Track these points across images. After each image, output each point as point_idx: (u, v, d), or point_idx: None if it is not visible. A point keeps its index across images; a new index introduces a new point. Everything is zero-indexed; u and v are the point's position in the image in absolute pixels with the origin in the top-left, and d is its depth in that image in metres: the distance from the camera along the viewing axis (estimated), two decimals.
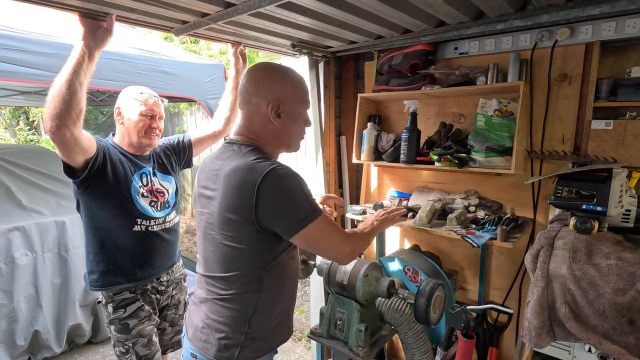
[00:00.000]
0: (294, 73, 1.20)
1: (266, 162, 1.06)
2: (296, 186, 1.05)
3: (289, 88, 1.17)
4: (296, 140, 1.24)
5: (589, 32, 1.58)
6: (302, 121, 1.21)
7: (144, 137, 1.67)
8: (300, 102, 1.19)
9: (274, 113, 1.14)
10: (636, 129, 1.51)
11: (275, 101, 1.13)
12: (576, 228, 1.35)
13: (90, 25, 1.29)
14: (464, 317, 1.40)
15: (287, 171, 1.06)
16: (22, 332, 2.63)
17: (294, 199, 1.05)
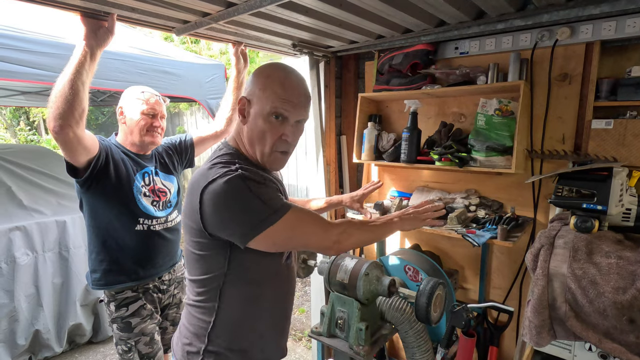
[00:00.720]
0: (279, 69, 1.04)
1: (222, 167, 0.97)
2: (243, 191, 0.93)
3: (259, 83, 1.02)
4: (262, 148, 1.04)
5: (589, 31, 1.58)
6: (270, 126, 1.01)
7: (146, 135, 1.68)
8: (268, 100, 1.00)
9: (241, 111, 1.05)
10: (636, 129, 1.51)
11: (243, 97, 1.04)
12: (577, 227, 1.36)
13: (91, 25, 1.29)
14: (464, 315, 1.40)
15: (237, 175, 0.94)
16: (23, 332, 2.64)
17: (241, 204, 0.93)
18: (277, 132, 1.02)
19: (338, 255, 1.60)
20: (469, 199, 1.97)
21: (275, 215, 0.94)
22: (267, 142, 1.02)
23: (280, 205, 0.96)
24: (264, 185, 0.97)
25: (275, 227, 0.94)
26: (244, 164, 1.00)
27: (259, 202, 0.94)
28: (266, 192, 0.96)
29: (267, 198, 0.95)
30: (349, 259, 1.55)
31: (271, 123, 1.01)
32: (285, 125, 1.02)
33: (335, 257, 1.59)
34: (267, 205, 0.94)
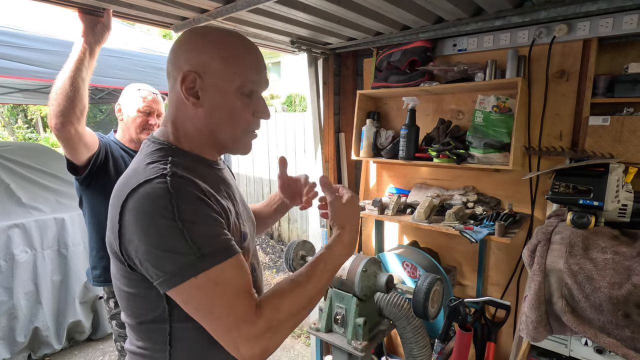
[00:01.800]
0: (231, 32, 0.81)
1: (153, 168, 0.72)
2: (164, 214, 0.65)
3: (213, 50, 0.77)
4: (233, 133, 0.81)
5: (587, 28, 1.59)
6: (241, 104, 0.79)
7: (142, 132, 1.68)
8: (236, 73, 0.77)
9: (187, 90, 0.77)
10: (633, 125, 1.52)
11: (189, 72, 0.75)
12: (573, 223, 1.36)
13: (89, 21, 1.30)
14: (461, 310, 1.41)
15: (166, 186, 0.67)
16: (22, 329, 2.64)
17: (160, 235, 0.66)
18: (250, 110, 0.81)
19: None
20: (466, 195, 1.98)
21: (198, 263, 0.65)
22: (241, 123, 0.80)
23: (213, 249, 0.67)
24: (199, 205, 0.69)
25: (192, 283, 0.65)
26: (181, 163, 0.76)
27: (180, 235, 0.65)
28: (199, 219, 0.68)
29: (195, 232, 0.66)
30: None
31: (242, 101, 0.79)
32: (254, 100, 0.81)
33: None
34: (190, 244, 0.65)
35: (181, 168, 0.74)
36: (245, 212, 0.91)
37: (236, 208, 0.84)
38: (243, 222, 0.85)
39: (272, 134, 4.92)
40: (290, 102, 8.85)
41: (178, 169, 0.73)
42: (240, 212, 0.86)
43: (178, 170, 0.72)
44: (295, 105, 8.67)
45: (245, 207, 0.94)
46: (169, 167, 0.72)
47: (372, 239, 2.46)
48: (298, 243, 1.64)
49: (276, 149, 4.93)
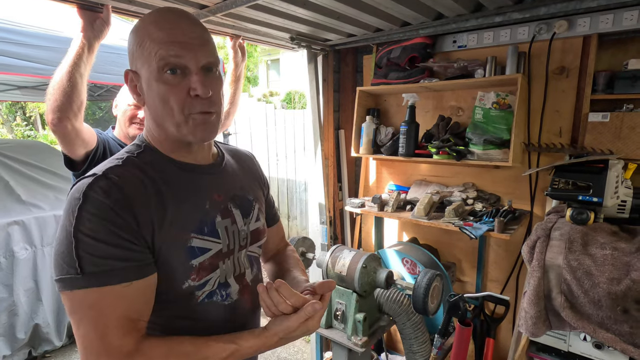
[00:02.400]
0: (150, 14, 0.75)
1: (100, 166, 0.72)
2: (69, 218, 0.64)
3: (133, 40, 0.73)
4: (172, 121, 0.73)
5: (587, 24, 1.59)
6: (169, 85, 0.71)
7: (129, 126, 1.64)
8: (150, 54, 0.71)
9: (132, 89, 0.76)
10: (632, 121, 1.52)
11: (127, 72, 0.76)
12: (572, 219, 1.37)
13: (88, 17, 1.29)
14: (461, 305, 1.42)
15: (81, 190, 0.65)
16: (23, 326, 2.64)
17: (58, 238, 0.65)
18: (181, 90, 0.71)
19: (336, 248, 1.61)
20: (466, 192, 1.99)
21: (77, 279, 0.62)
22: (174, 107, 0.72)
23: (97, 270, 0.63)
24: (104, 218, 0.64)
25: (69, 296, 0.63)
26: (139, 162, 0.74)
27: (71, 248, 0.63)
28: (96, 234, 0.63)
29: (85, 247, 0.63)
30: (347, 251, 1.56)
31: (168, 82, 0.71)
32: (187, 77, 0.72)
33: (333, 249, 1.60)
34: (76, 258, 0.62)
35: (132, 167, 0.72)
36: (231, 225, 0.84)
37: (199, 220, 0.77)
38: (203, 236, 0.77)
39: (271, 131, 4.92)
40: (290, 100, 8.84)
41: (124, 168, 0.71)
42: (208, 224, 0.79)
43: (120, 170, 0.70)
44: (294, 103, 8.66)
45: (236, 219, 0.85)
46: (109, 167, 0.70)
47: (372, 236, 2.47)
48: (298, 240, 1.64)
49: (275, 146, 4.92)
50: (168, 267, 0.72)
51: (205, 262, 0.78)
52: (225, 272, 0.83)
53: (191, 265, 0.75)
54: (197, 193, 0.79)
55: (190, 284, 0.76)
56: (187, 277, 0.75)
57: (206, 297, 0.79)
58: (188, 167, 0.80)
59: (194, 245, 0.76)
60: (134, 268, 0.66)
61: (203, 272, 0.77)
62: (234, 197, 0.87)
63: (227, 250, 0.83)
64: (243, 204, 0.89)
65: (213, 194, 0.82)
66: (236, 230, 0.85)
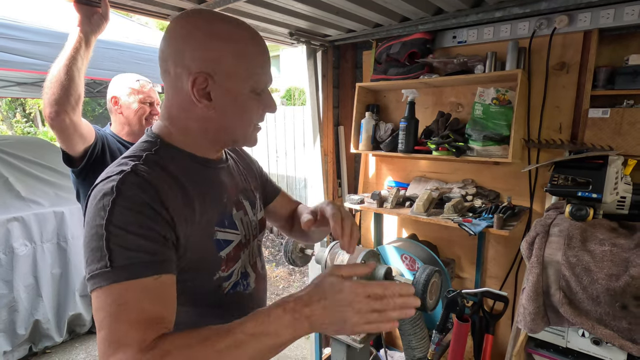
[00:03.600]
0: (238, 23, 0.74)
1: (121, 164, 0.70)
2: (100, 214, 0.63)
3: (224, 47, 0.71)
4: (244, 131, 0.79)
5: (588, 19, 1.58)
6: (255, 102, 0.76)
7: (147, 124, 1.67)
8: (248, 72, 0.73)
9: (199, 92, 0.72)
10: (633, 117, 1.51)
11: (200, 73, 0.71)
12: (572, 215, 1.36)
13: (85, 11, 1.28)
14: (459, 301, 1.42)
15: (113, 185, 0.64)
16: (23, 322, 2.65)
17: (89, 234, 0.64)
18: (260, 108, 0.79)
19: (335, 244, 1.61)
20: (465, 188, 1.98)
21: (107, 273, 0.60)
22: (253, 120, 0.79)
23: (127, 263, 0.61)
24: (138, 211, 0.64)
25: (99, 293, 0.61)
26: (160, 159, 0.73)
27: (102, 242, 0.61)
28: (128, 227, 0.62)
29: (117, 240, 0.61)
30: None
31: (254, 100, 0.76)
32: (263, 96, 0.78)
33: (332, 245, 1.60)
34: (106, 251, 0.61)
35: (154, 165, 0.71)
36: (244, 216, 0.87)
37: (220, 213, 0.79)
38: (225, 228, 0.80)
39: (271, 127, 4.91)
40: (290, 96, 8.82)
41: (147, 165, 0.70)
42: (227, 217, 0.81)
43: (144, 167, 0.69)
44: (294, 99, 8.64)
45: (247, 210, 0.89)
46: (133, 164, 0.69)
47: (371, 232, 2.47)
48: None
49: (275, 142, 4.91)
50: (200, 259, 0.74)
51: (231, 253, 0.81)
52: (244, 261, 0.87)
53: (220, 257, 0.78)
54: (216, 187, 0.82)
55: (220, 275, 0.79)
56: (218, 268, 0.78)
57: (231, 287, 0.82)
58: (208, 162, 0.82)
59: (219, 237, 0.78)
60: (164, 262, 0.65)
61: (230, 263, 0.81)
62: (243, 189, 0.91)
63: (245, 241, 0.86)
64: (250, 195, 0.93)
65: (228, 188, 0.85)
66: (248, 221, 0.89)
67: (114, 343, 0.58)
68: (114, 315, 0.59)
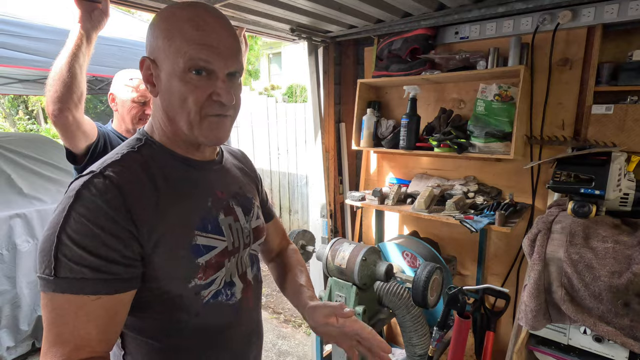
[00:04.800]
0: (185, 7, 0.71)
1: (98, 163, 0.70)
2: (58, 218, 0.62)
3: (162, 31, 0.70)
4: (185, 119, 0.72)
5: (591, 14, 1.56)
6: (191, 85, 0.69)
7: (139, 123, 1.67)
8: (179, 51, 0.68)
9: (146, 77, 0.74)
10: (637, 114, 1.50)
11: (144, 59, 0.73)
12: (574, 212, 1.36)
13: (86, 7, 1.27)
14: (460, 297, 1.42)
15: (76, 190, 0.63)
16: (26, 318, 2.67)
17: (43, 236, 0.63)
18: (203, 93, 0.70)
19: (336, 241, 1.61)
20: (467, 185, 1.97)
21: (50, 282, 0.61)
22: (192, 106, 0.70)
23: (70, 276, 0.60)
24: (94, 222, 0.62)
25: (42, 295, 0.62)
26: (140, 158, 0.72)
27: (51, 249, 0.61)
28: (80, 238, 0.61)
29: (65, 250, 0.60)
30: (347, 244, 1.56)
31: (191, 82, 0.69)
32: (212, 81, 0.71)
33: (333, 242, 1.60)
34: (53, 259, 0.60)
35: (133, 163, 0.70)
36: (234, 222, 0.83)
37: (202, 216, 0.76)
38: (207, 233, 0.76)
39: (272, 124, 4.90)
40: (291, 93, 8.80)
41: (124, 165, 0.69)
42: (211, 221, 0.77)
43: (119, 167, 0.67)
44: (296, 96, 8.62)
45: (238, 217, 0.84)
46: (109, 161, 0.68)
47: (373, 229, 2.46)
48: (298, 232, 1.64)
49: (277, 140, 4.91)
50: (172, 266, 0.70)
51: (212, 260, 0.76)
52: (231, 270, 0.82)
53: (197, 264, 0.73)
54: (200, 189, 0.78)
55: (197, 283, 0.74)
56: (194, 275, 0.73)
57: (212, 297, 0.77)
58: (191, 162, 0.78)
59: (199, 243, 0.74)
60: (109, 281, 0.63)
61: (210, 271, 0.76)
62: (235, 194, 0.86)
63: (232, 248, 0.81)
64: (244, 201, 0.88)
65: (215, 191, 0.81)
66: (240, 228, 0.84)
67: (45, 349, 0.61)
68: (50, 324, 0.61)
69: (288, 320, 3.32)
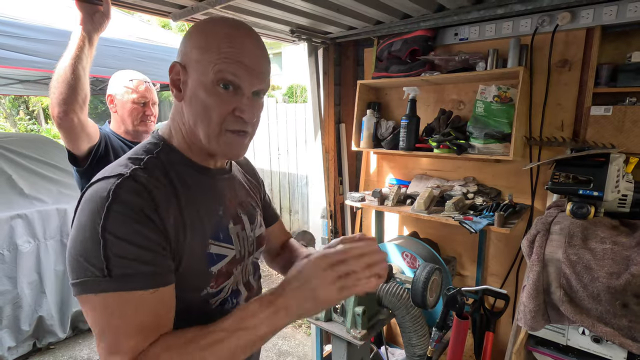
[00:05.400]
0: (223, 22, 0.73)
1: (120, 165, 0.69)
2: (94, 218, 0.61)
3: (197, 41, 0.71)
4: (206, 130, 0.72)
5: (590, 16, 1.57)
6: (217, 98, 0.70)
7: (140, 124, 1.67)
8: (211, 63, 0.69)
9: (173, 82, 0.74)
10: (635, 115, 1.50)
11: (174, 64, 0.73)
12: (573, 213, 1.36)
13: (87, 9, 1.28)
14: (459, 298, 1.42)
15: (109, 189, 0.63)
16: (27, 318, 2.68)
17: (80, 238, 0.62)
18: (227, 107, 0.71)
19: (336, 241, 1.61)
20: (467, 186, 1.98)
21: (101, 282, 0.60)
22: (213, 119, 0.71)
23: (123, 273, 0.60)
24: (134, 219, 0.62)
25: (94, 298, 0.61)
26: (161, 163, 0.72)
27: (97, 248, 0.60)
28: (124, 235, 0.61)
29: (113, 248, 0.60)
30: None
31: (218, 95, 0.70)
32: (238, 97, 0.72)
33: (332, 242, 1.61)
34: (104, 259, 0.60)
35: (154, 169, 0.70)
36: (241, 231, 0.83)
37: (215, 225, 0.76)
38: (219, 242, 0.76)
39: (273, 125, 4.91)
40: (292, 93, 8.81)
41: (148, 170, 0.68)
42: (223, 230, 0.78)
43: (144, 172, 0.67)
44: (296, 97, 8.63)
45: (245, 225, 0.85)
46: (133, 167, 0.67)
47: (372, 230, 2.47)
48: (298, 233, 1.65)
49: (277, 140, 4.92)
50: (189, 273, 0.70)
51: (223, 268, 0.76)
52: (237, 278, 0.83)
53: (210, 272, 0.74)
54: (213, 198, 0.79)
55: (209, 291, 0.75)
56: (207, 284, 0.74)
57: (219, 304, 0.78)
58: (206, 171, 0.79)
59: (212, 251, 0.74)
60: (161, 274, 0.64)
61: (221, 279, 0.76)
62: (243, 203, 0.87)
63: (239, 257, 0.82)
64: (250, 210, 0.88)
65: (226, 199, 0.82)
66: (245, 237, 0.85)
67: (113, 351, 0.60)
68: (113, 326, 0.61)
69: None
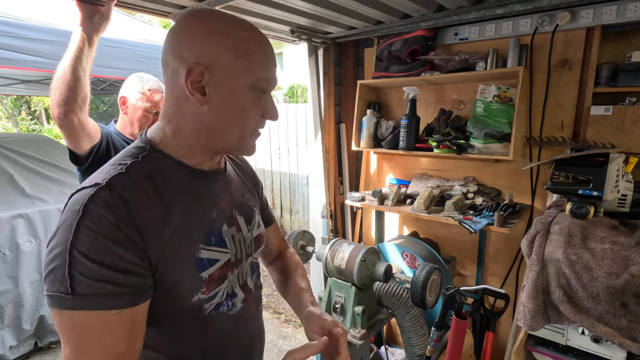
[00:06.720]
0: (245, 25, 0.72)
1: (100, 172, 0.67)
2: (64, 233, 0.60)
3: (224, 41, 0.68)
4: (239, 134, 0.73)
5: (590, 16, 1.56)
6: (251, 103, 0.72)
7: None
8: (248, 69, 0.69)
9: (193, 84, 0.68)
10: (635, 115, 1.50)
11: (197, 64, 0.67)
12: (572, 213, 1.36)
13: (87, 10, 1.29)
14: (457, 298, 1.42)
15: (81, 202, 0.61)
16: (28, 317, 2.68)
17: (51, 252, 0.60)
18: (259, 110, 0.74)
19: (336, 241, 1.61)
20: (467, 186, 1.98)
21: (66, 299, 0.58)
22: (249, 122, 0.73)
23: (88, 292, 0.58)
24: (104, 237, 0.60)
25: (61, 315, 0.59)
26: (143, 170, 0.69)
27: (64, 266, 0.58)
28: (92, 253, 0.59)
29: (79, 266, 0.58)
30: (346, 244, 1.56)
31: (253, 99, 0.71)
32: (264, 99, 0.74)
33: (332, 243, 1.61)
34: (68, 277, 0.58)
35: (137, 175, 0.67)
36: (236, 233, 0.82)
37: (207, 229, 0.75)
38: (210, 246, 0.74)
39: (273, 125, 4.91)
40: (293, 93, 8.81)
41: (129, 176, 0.66)
42: (215, 234, 0.76)
43: (124, 179, 0.65)
44: (297, 97, 8.63)
45: (241, 227, 0.83)
46: (113, 174, 0.65)
47: (372, 229, 2.47)
48: (298, 233, 1.65)
49: (278, 140, 4.92)
50: (176, 281, 0.68)
51: (215, 273, 0.74)
52: (232, 282, 0.81)
53: (201, 278, 0.72)
54: (205, 201, 0.76)
55: (200, 297, 0.73)
56: (197, 290, 0.72)
57: (213, 309, 0.76)
58: (198, 173, 0.76)
59: (202, 256, 0.72)
60: (128, 294, 0.62)
61: (213, 285, 0.74)
62: (238, 203, 0.85)
63: (235, 260, 0.80)
64: (246, 210, 0.86)
65: (220, 202, 0.79)
66: (242, 239, 0.83)
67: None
68: (75, 344, 0.60)
69: (289, 320, 3.33)
